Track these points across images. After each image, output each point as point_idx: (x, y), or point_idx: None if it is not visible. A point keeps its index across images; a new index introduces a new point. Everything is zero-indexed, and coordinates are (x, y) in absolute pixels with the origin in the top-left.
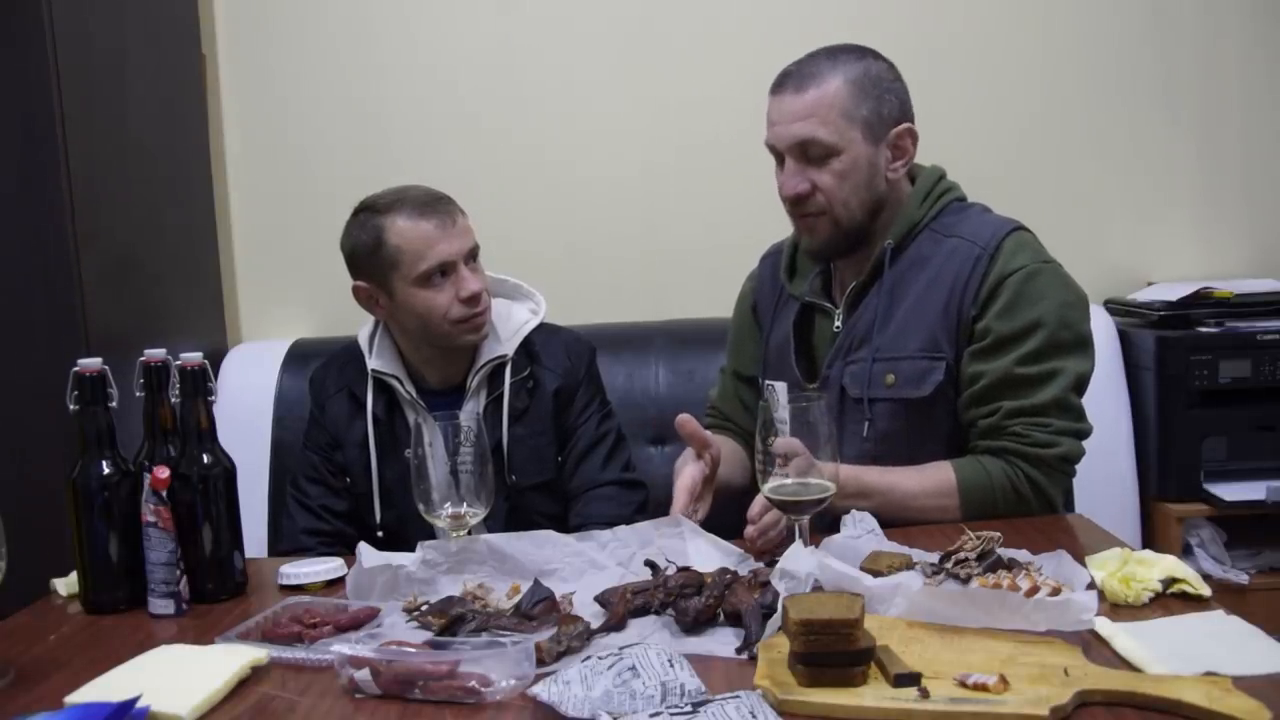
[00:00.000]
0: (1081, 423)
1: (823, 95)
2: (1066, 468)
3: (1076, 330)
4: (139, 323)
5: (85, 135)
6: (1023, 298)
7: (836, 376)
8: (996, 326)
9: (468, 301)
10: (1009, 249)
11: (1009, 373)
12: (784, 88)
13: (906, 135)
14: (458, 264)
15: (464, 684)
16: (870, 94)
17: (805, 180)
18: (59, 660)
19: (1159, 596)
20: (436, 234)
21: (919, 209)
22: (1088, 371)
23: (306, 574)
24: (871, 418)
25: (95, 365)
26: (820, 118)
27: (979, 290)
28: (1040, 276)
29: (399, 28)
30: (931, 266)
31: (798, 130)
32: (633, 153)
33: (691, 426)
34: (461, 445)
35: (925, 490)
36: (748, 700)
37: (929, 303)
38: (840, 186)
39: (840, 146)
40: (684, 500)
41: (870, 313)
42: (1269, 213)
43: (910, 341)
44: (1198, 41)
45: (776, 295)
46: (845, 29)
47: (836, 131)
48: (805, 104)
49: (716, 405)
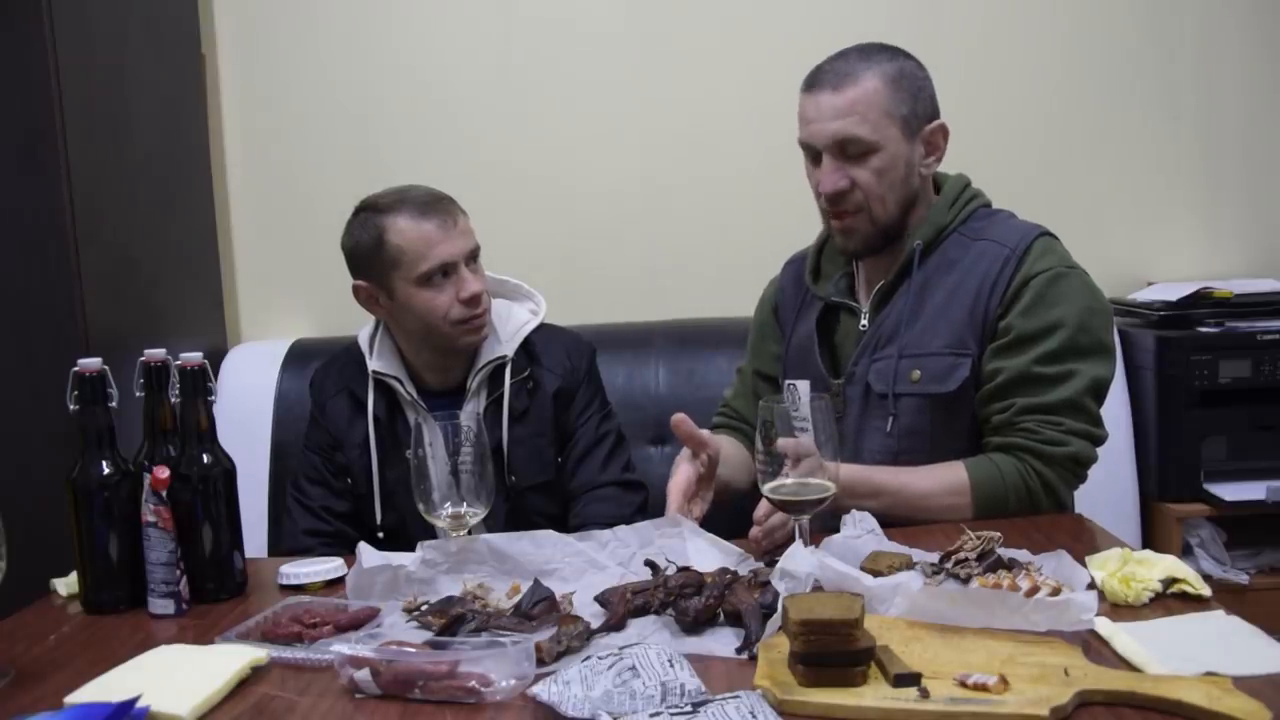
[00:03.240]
0: (1096, 427)
1: (862, 93)
2: (1076, 469)
3: (1096, 336)
4: (139, 323)
5: (85, 136)
6: (1046, 298)
7: (862, 373)
8: (1018, 324)
9: (468, 302)
10: (1037, 251)
11: (1026, 370)
12: (820, 85)
13: (939, 132)
14: (459, 264)
15: (464, 684)
16: (907, 91)
17: (845, 177)
18: (59, 660)
19: (1159, 596)
20: (438, 234)
21: (947, 213)
22: (1106, 378)
23: (306, 574)
24: (896, 413)
25: (95, 365)
26: (860, 115)
27: (1005, 290)
28: (1065, 280)
29: (399, 28)
30: (960, 268)
31: (837, 128)
32: (633, 153)
33: (687, 426)
34: (462, 445)
35: (937, 489)
36: (748, 700)
37: (957, 302)
38: (879, 183)
39: (880, 144)
40: (677, 501)
41: (898, 311)
42: (1269, 213)
43: (937, 339)
44: (1198, 41)
45: (800, 298)
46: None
47: (876, 129)
48: (845, 101)
49: (730, 404)
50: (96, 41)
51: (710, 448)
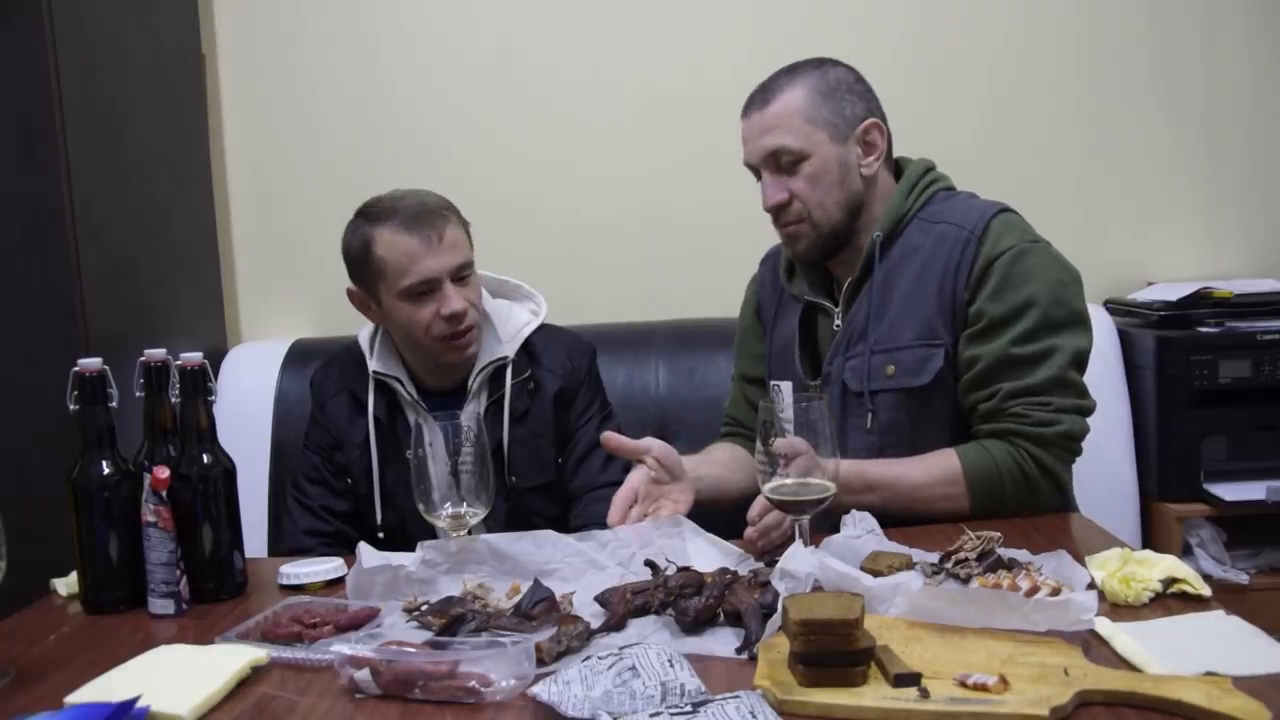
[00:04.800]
0: (1084, 399)
1: (784, 105)
2: (1071, 445)
3: (1070, 307)
4: (139, 323)
5: (85, 135)
6: (1012, 278)
7: (837, 372)
8: (989, 309)
9: (450, 319)
10: (996, 230)
11: (1005, 354)
12: (751, 106)
13: (873, 129)
14: (442, 281)
15: (464, 684)
16: (830, 96)
17: (783, 190)
18: (59, 660)
19: (1159, 596)
20: (420, 250)
21: (906, 200)
22: (1086, 347)
23: (306, 574)
24: (874, 409)
25: (95, 365)
26: (785, 126)
27: (969, 274)
28: (1029, 256)
29: (399, 28)
30: (921, 255)
31: (766, 142)
32: (633, 153)
33: (615, 441)
34: (462, 446)
35: (931, 480)
36: (748, 700)
37: (922, 290)
38: (814, 190)
39: (807, 150)
40: (619, 511)
41: (865, 306)
42: (1269, 213)
43: (907, 331)
44: (1199, 41)
45: (778, 296)
46: (846, 29)
47: (801, 137)
48: (770, 117)
49: (730, 414)
50: (96, 41)
51: (652, 450)
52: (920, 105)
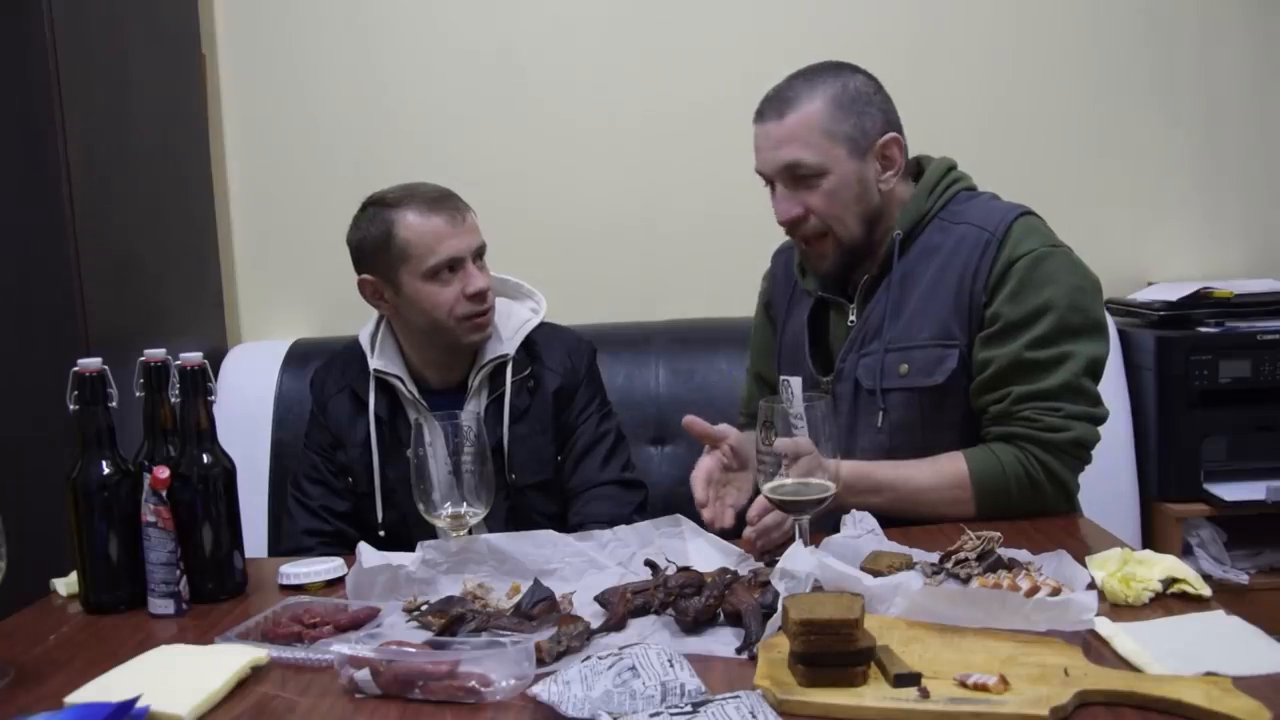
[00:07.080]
0: (1096, 407)
1: (803, 117)
2: (1080, 453)
3: (1088, 314)
4: (139, 323)
5: (85, 135)
6: (1031, 282)
7: (850, 369)
8: (1005, 312)
9: (474, 298)
10: (1017, 233)
11: (1019, 357)
12: (765, 115)
13: (893, 145)
14: (465, 260)
15: (464, 684)
16: (851, 110)
17: (798, 204)
18: (59, 660)
19: (1159, 596)
20: (446, 229)
21: (927, 199)
22: (1101, 355)
23: (306, 574)
24: (886, 408)
25: (95, 365)
26: (803, 140)
27: (988, 276)
28: (1049, 260)
29: (398, 27)
30: (941, 255)
31: (782, 155)
32: (634, 153)
33: (699, 426)
34: (463, 445)
35: (937, 483)
36: (748, 700)
37: (940, 291)
38: (832, 206)
39: (826, 166)
40: (700, 490)
41: (882, 304)
42: (1269, 213)
43: (923, 330)
44: (1198, 41)
45: (790, 290)
46: (849, 27)
47: (820, 152)
48: (787, 128)
49: (746, 410)
50: (96, 40)
51: (729, 438)
52: (918, 105)
